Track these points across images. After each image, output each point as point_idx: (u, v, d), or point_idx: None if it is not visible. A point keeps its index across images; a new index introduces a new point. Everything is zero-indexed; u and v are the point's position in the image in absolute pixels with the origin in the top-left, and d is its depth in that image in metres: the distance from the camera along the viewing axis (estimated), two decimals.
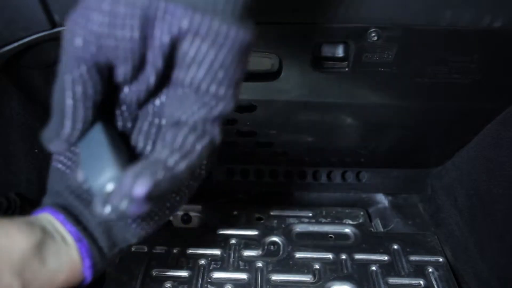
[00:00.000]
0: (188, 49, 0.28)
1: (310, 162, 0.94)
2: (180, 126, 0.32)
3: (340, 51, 0.61)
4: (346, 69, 0.61)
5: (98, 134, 0.33)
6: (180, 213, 0.93)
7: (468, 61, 0.60)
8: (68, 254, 0.34)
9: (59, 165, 0.39)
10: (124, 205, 0.28)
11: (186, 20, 0.27)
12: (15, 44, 0.53)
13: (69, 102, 0.30)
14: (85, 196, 0.37)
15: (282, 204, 0.98)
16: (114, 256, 0.38)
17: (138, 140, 0.36)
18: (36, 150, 0.66)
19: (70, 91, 0.30)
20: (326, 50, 0.62)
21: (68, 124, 0.32)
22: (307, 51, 0.59)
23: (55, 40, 0.54)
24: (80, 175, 0.36)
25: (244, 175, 0.98)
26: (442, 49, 0.58)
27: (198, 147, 0.31)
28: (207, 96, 0.31)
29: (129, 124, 0.37)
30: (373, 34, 0.55)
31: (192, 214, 0.93)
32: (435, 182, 0.95)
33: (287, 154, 0.91)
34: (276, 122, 0.78)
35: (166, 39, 0.28)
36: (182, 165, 0.30)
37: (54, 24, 0.51)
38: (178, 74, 0.31)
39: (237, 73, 0.30)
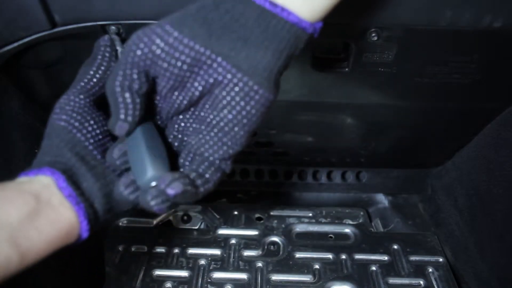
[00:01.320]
0: (226, 95, 0.36)
1: (310, 162, 0.94)
2: (203, 160, 0.39)
3: (340, 51, 0.61)
4: (346, 69, 0.61)
5: (149, 132, 0.40)
6: (180, 213, 0.93)
7: (468, 61, 0.60)
8: (66, 218, 0.36)
9: (63, 123, 0.40)
10: (157, 199, 0.36)
11: (230, 75, 0.35)
12: (15, 44, 0.53)
13: (118, 89, 0.37)
14: (90, 159, 0.39)
15: (282, 204, 0.98)
16: (109, 219, 0.41)
17: None
18: (36, 150, 0.66)
19: (119, 82, 0.37)
20: (326, 50, 0.62)
21: (122, 106, 0.38)
22: (307, 51, 0.59)
23: (55, 40, 0.54)
24: (116, 153, 0.40)
25: (244, 175, 0.98)
26: (442, 49, 0.58)
27: (214, 178, 0.39)
28: (227, 137, 0.38)
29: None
30: (373, 34, 0.55)
31: (192, 214, 0.93)
32: (435, 182, 0.95)
33: (287, 154, 0.91)
34: (276, 122, 0.78)
35: (210, 80, 0.36)
36: (202, 189, 0.38)
37: (54, 24, 0.51)
38: (211, 113, 0.38)
39: (256, 122, 0.38)
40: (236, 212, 0.93)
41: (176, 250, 0.84)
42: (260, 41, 0.35)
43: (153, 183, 0.37)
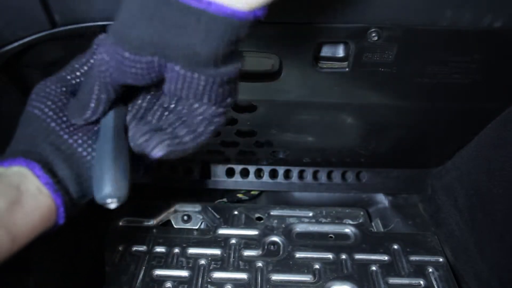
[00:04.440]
0: (181, 87, 0.39)
1: (310, 162, 0.94)
2: (196, 115, 0.42)
3: (340, 51, 0.61)
4: (346, 69, 0.61)
5: (118, 125, 0.41)
6: (180, 213, 0.93)
7: (468, 61, 0.60)
8: (45, 204, 0.38)
9: (37, 112, 0.41)
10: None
11: (175, 73, 0.38)
12: (15, 44, 0.53)
13: (92, 104, 0.41)
14: (65, 148, 0.41)
15: (282, 204, 0.98)
16: (84, 204, 0.43)
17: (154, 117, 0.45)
18: None
19: (95, 95, 0.40)
20: (326, 50, 0.62)
21: (88, 113, 0.41)
22: (307, 51, 0.59)
23: (55, 40, 0.54)
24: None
25: (244, 175, 0.98)
26: (442, 49, 0.58)
27: (209, 129, 0.42)
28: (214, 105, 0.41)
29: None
30: (373, 34, 0.55)
31: (192, 214, 0.93)
32: (435, 182, 0.95)
33: (287, 154, 0.91)
34: (276, 122, 0.78)
35: (167, 75, 0.39)
36: (194, 143, 0.42)
37: (54, 24, 0.51)
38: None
39: (227, 90, 0.41)
40: (236, 212, 0.93)
41: (176, 250, 0.84)
42: (195, 39, 0.36)
43: (108, 200, 0.37)
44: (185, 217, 0.93)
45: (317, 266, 0.82)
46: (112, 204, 0.38)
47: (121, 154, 0.40)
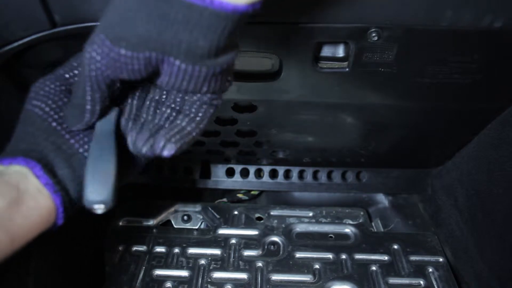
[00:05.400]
0: (180, 79, 0.39)
1: (310, 162, 0.94)
2: (193, 102, 0.42)
3: (340, 51, 0.61)
4: (346, 69, 0.61)
5: (105, 133, 0.41)
6: (180, 213, 0.93)
7: (468, 61, 0.60)
8: (44, 205, 0.39)
9: (38, 111, 0.41)
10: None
11: (176, 67, 0.38)
12: (15, 44, 0.53)
13: (88, 106, 0.40)
14: (66, 148, 0.41)
15: (282, 204, 0.98)
16: (79, 207, 0.42)
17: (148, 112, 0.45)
18: None
19: (89, 96, 0.39)
20: (326, 50, 0.62)
21: (87, 116, 0.41)
22: (307, 51, 0.59)
23: (55, 40, 0.54)
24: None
25: (244, 175, 0.98)
26: (442, 49, 0.58)
27: (208, 114, 0.42)
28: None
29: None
30: (374, 34, 0.55)
31: (192, 214, 0.93)
32: (435, 182, 0.95)
33: (287, 154, 0.91)
34: (276, 122, 0.78)
35: (166, 68, 0.39)
36: (197, 130, 0.42)
37: (54, 24, 0.51)
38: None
39: (225, 77, 0.41)
40: (236, 212, 0.93)
41: (176, 250, 0.84)
42: (196, 35, 0.36)
43: (95, 206, 0.37)
44: (185, 217, 0.93)
45: (317, 266, 0.82)
46: (99, 210, 0.37)
47: (107, 159, 0.39)
